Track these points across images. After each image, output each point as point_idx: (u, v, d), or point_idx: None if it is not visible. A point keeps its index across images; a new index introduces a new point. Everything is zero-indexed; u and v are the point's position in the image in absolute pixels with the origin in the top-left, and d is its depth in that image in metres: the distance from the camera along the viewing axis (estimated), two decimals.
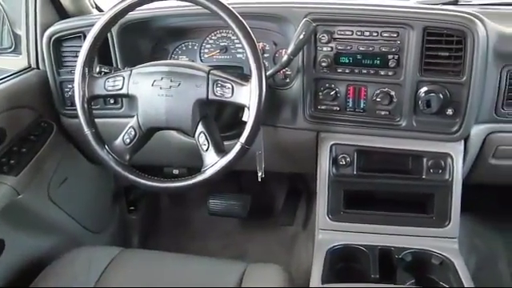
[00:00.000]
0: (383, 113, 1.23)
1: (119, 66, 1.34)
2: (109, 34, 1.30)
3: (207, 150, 1.09)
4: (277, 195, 2.04)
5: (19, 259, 1.35)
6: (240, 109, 1.26)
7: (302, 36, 1.15)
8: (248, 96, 1.04)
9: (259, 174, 1.30)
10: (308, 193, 1.99)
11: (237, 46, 1.37)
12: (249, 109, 1.04)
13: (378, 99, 1.22)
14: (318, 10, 1.19)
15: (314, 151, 1.33)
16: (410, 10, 1.16)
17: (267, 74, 1.12)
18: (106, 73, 1.20)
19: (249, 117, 1.04)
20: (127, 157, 1.15)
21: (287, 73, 1.31)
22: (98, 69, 1.21)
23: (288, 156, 1.42)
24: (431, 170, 1.24)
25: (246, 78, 1.06)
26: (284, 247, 1.90)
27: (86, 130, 1.15)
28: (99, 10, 1.56)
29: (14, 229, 1.33)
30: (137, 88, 1.12)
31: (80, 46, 1.17)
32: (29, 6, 1.43)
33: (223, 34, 1.38)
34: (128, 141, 1.14)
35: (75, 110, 1.16)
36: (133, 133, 1.14)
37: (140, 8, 1.14)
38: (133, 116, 1.15)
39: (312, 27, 1.16)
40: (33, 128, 1.40)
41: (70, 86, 1.41)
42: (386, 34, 1.16)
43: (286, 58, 1.18)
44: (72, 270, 1.21)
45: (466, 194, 1.25)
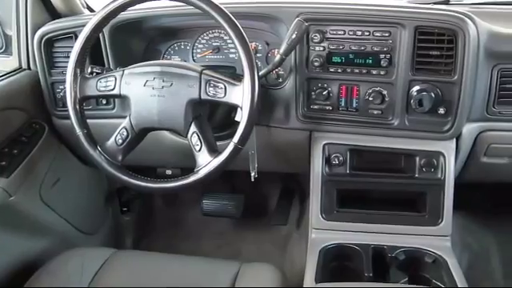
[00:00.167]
0: (375, 112, 1.24)
1: (111, 67, 1.34)
2: (100, 35, 1.29)
3: (200, 150, 1.08)
4: (270, 195, 2.04)
5: (11, 261, 1.34)
6: (233, 109, 1.26)
7: (294, 36, 1.15)
8: (241, 96, 1.04)
9: (252, 174, 1.30)
10: (301, 192, 1.99)
11: (229, 45, 1.37)
12: (241, 109, 1.04)
13: (370, 98, 1.22)
14: (310, 10, 1.19)
15: (307, 151, 1.33)
16: (402, 9, 1.17)
17: (260, 73, 1.12)
18: (97, 73, 1.19)
19: (241, 117, 1.04)
20: (120, 157, 1.14)
21: (280, 72, 1.31)
22: (89, 69, 1.20)
23: (281, 156, 1.42)
24: (424, 169, 1.25)
25: (239, 78, 1.06)
26: (277, 247, 1.90)
27: (77, 130, 1.14)
28: (90, 10, 1.55)
29: (5, 231, 1.32)
30: (129, 88, 1.11)
31: (71, 47, 1.16)
32: (19, 6, 1.42)
33: (215, 34, 1.38)
34: (120, 141, 1.13)
35: (67, 110, 1.15)
36: (125, 133, 1.13)
37: (132, 8, 1.14)
38: (125, 116, 1.14)
39: (304, 27, 1.16)
40: (24, 129, 1.39)
41: (61, 86, 1.40)
42: (377, 34, 1.17)
43: (278, 57, 1.18)
44: (65, 272, 1.20)
45: (458, 192, 1.26)
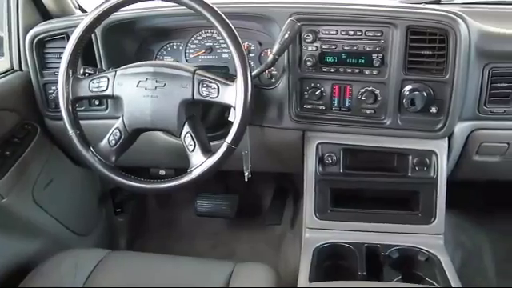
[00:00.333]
0: (368, 111, 1.24)
1: (104, 67, 1.33)
2: (93, 35, 1.29)
3: (193, 150, 1.08)
4: (264, 195, 2.04)
5: (4, 263, 1.33)
6: (226, 109, 1.26)
7: (286, 36, 1.15)
8: (234, 96, 1.04)
9: (246, 174, 1.30)
10: (295, 192, 1.99)
11: (222, 45, 1.37)
12: (235, 109, 1.04)
13: (362, 98, 1.23)
14: (302, 10, 1.19)
15: (300, 150, 1.33)
16: (394, 9, 1.17)
17: (253, 73, 1.12)
18: (90, 74, 1.19)
19: (235, 117, 1.04)
20: (113, 158, 1.14)
21: (273, 72, 1.31)
22: (82, 70, 1.19)
23: (274, 155, 1.42)
24: (416, 168, 1.26)
25: (232, 78, 1.06)
26: (272, 246, 1.90)
27: (70, 131, 1.14)
28: (82, 10, 1.55)
29: None
30: (122, 89, 1.11)
31: (63, 47, 1.15)
32: (10, 6, 1.41)
33: (208, 34, 1.38)
34: (113, 142, 1.13)
35: (59, 111, 1.15)
36: (118, 134, 1.13)
37: (124, 8, 1.14)
38: (118, 117, 1.14)
39: (297, 27, 1.16)
40: (16, 131, 1.38)
41: (53, 87, 1.40)
42: (370, 34, 1.17)
43: (271, 57, 1.18)
44: (58, 273, 1.20)
45: (451, 190, 1.27)
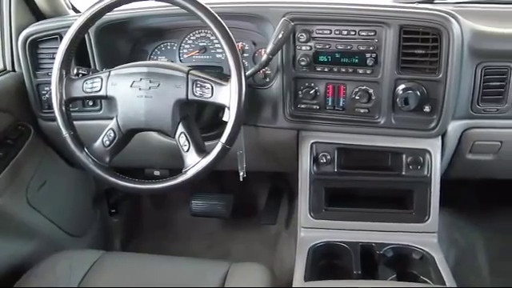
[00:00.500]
0: (362, 111, 1.24)
1: (97, 68, 1.33)
2: (86, 35, 1.28)
3: (188, 150, 1.08)
4: (259, 194, 2.04)
5: None
6: (220, 109, 1.26)
7: (280, 35, 1.15)
8: (228, 96, 1.04)
9: (241, 174, 1.30)
10: (290, 191, 2.00)
11: (216, 45, 1.37)
12: (229, 109, 1.04)
13: (356, 97, 1.23)
14: (296, 10, 1.20)
15: (294, 150, 1.34)
16: (387, 8, 1.18)
17: (247, 73, 1.12)
18: (83, 74, 1.19)
19: (229, 117, 1.04)
20: (107, 159, 1.14)
21: (267, 72, 1.31)
22: (75, 70, 1.19)
23: (269, 155, 1.42)
24: (410, 167, 1.26)
25: (226, 78, 1.06)
26: (267, 246, 1.90)
27: (64, 132, 1.13)
28: (76, 10, 1.54)
29: None
30: (115, 89, 1.11)
31: (57, 48, 1.15)
32: (3, 7, 1.41)
33: (202, 34, 1.37)
34: (108, 143, 1.13)
35: (53, 112, 1.14)
36: (112, 135, 1.12)
37: (118, 8, 1.13)
38: (112, 118, 1.13)
39: (290, 26, 1.17)
40: (9, 132, 1.38)
41: (47, 88, 1.39)
42: (363, 33, 1.18)
43: (265, 57, 1.18)
44: (53, 275, 1.19)
45: (444, 189, 1.27)
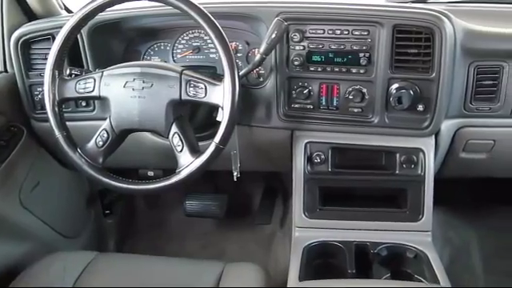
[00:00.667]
0: (356, 110, 1.25)
1: (90, 68, 1.32)
2: (79, 36, 1.28)
3: (182, 150, 1.08)
4: (253, 194, 2.04)
5: None
6: (214, 109, 1.26)
7: (274, 35, 1.15)
8: (221, 96, 1.04)
9: (235, 174, 1.30)
10: (284, 191, 2.00)
11: (209, 45, 1.36)
12: (223, 109, 1.04)
13: (350, 97, 1.23)
14: (289, 9, 1.20)
15: (288, 150, 1.34)
16: (380, 8, 1.18)
17: (240, 73, 1.12)
18: (76, 75, 1.18)
19: (223, 117, 1.04)
20: (100, 160, 1.13)
21: (260, 72, 1.32)
22: (68, 71, 1.19)
23: (263, 155, 1.42)
24: (404, 166, 1.27)
25: (219, 78, 1.06)
26: (261, 246, 1.91)
27: (57, 133, 1.13)
28: (68, 11, 1.54)
29: None
30: (109, 90, 1.10)
31: (49, 48, 1.15)
32: None
33: (195, 34, 1.37)
34: (101, 143, 1.12)
35: (45, 113, 1.14)
36: (105, 135, 1.12)
37: (110, 8, 1.13)
38: (105, 118, 1.13)
39: (284, 26, 1.17)
40: (2, 133, 1.37)
41: (39, 89, 1.38)
42: (356, 33, 1.18)
43: (258, 57, 1.18)
44: (46, 276, 1.18)
45: (438, 188, 1.28)
